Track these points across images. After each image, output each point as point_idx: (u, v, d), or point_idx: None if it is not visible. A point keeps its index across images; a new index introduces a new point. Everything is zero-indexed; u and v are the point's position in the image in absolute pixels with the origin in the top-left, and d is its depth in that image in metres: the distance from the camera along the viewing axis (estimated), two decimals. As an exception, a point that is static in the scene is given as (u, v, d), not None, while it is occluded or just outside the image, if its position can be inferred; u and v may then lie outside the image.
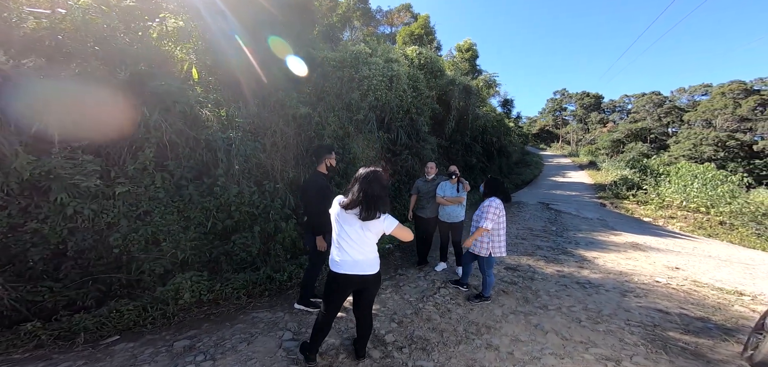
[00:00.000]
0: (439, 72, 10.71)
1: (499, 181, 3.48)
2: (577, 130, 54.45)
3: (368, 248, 2.16)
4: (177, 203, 3.70)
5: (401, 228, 2.19)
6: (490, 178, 3.50)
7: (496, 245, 3.34)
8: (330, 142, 5.85)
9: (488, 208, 3.28)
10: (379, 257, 2.28)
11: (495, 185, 3.43)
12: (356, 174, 2.17)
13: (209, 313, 3.22)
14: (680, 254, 5.55)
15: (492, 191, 3.40)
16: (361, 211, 2.05)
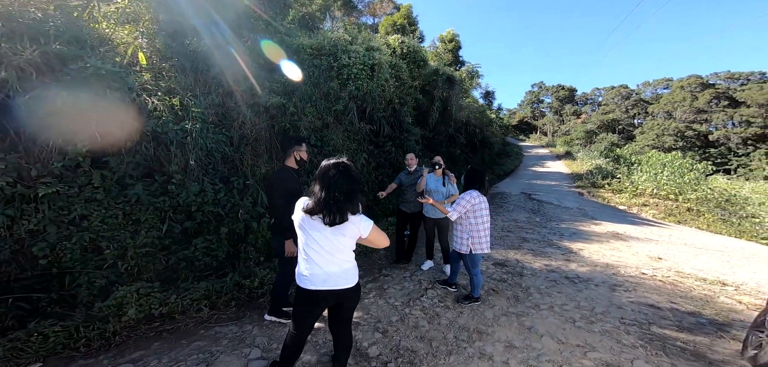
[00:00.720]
0: (422, 62, 10.33)
1: (478, 172, 3.19)
2: (553, 121, 56.14)
3: (343, 257, 1.77)
4: (122, 205, 3.13)
5: (378, 232, 1.80)
6: (470, 169, 3.21)
7: (476, 240, 3.07)
8: (303, 133, 5.35)
9: (460, 199, 3.07)
10: (356, 266, 1.90)
11: (473, 176, 3.16)
12: (319, 169, 1.76)
13: (162, 330, 2.73)
14: (659, 243, 5.57)
15: (470, 182, 3.14)
16: (324, 215, 1.64)
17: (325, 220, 1.64)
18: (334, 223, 1.64)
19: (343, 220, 1.66)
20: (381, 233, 1.83)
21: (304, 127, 5.40)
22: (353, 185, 1.72)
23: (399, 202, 4.36)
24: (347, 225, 1.69)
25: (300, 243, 1.78)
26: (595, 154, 18.83)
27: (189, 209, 3.56)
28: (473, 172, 3.19)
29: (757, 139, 43.43)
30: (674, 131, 47.84)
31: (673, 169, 10.41)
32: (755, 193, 13.73)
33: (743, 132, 44.43)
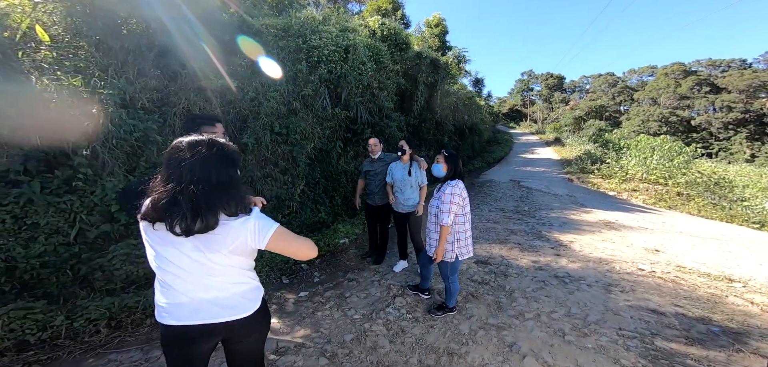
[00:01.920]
0: (405, 45, 9.57)
1: (459, 157, 2.54)
2: (542, 109, 55.83)
3: (222, 279, 1.16)
4: (10, 206, 2.45)
5: (287, 238, 1.18)
6: (450, 153, 2.49)
7: (462, 244, 2.46)
8: (264, 120, 4.64)
9: (450, 196, 2.35)
10: (257, 288, 1.28)
11: (456, 161, 2.47)
12: (167, 150, 1.12)
13: (33, 361, 2.10)
14: (653, 232, 5.10)
15: (454, 169, 2.45)
16: (173, 221, 1.03)
17: (175, 228, 1.02)
18: (190, 231, 1.02)
19: (210, 226, 1.04)
20: (296, 239, 1.20)
21: (265, 113, 4.71)
22: (227, 169, 1.10)
23: (365, 195, 3.77)
24: (221, 233, 1.08)
25: (151, 263, 1.16)
26: (584, 139, 18.45)
27: (108, 210, 2.90)
28: (453, 156, 2.47)
29: (738, 124, 43.84)
30: (659, 117, 48.02)
31: (662, 152, 10.02)
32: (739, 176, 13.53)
33: (724, 117, 44.80)
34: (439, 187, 2.49)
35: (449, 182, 2.41)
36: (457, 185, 2.38)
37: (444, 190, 2.40)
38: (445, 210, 2.33)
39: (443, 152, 2.46)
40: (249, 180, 4.40)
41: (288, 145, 4.93)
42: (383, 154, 3.64)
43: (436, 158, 2.49)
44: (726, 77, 47.71)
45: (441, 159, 2.46)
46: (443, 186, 2.44)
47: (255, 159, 4.51)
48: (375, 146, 3.57)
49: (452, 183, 2.39)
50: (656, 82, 53.59)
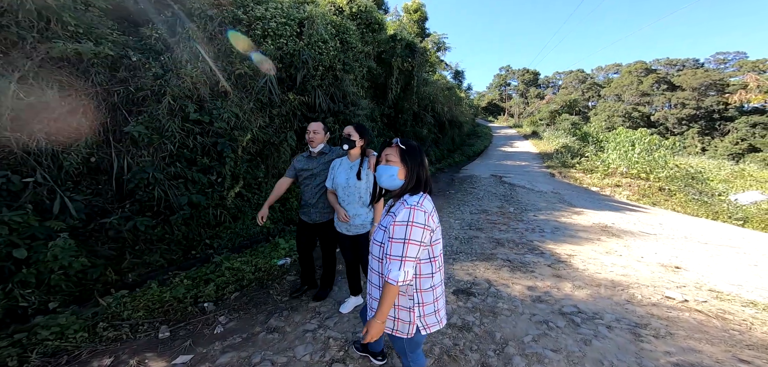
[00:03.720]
0: (377, 25, 8.31)
1: (423, 153, 1.31)
2: (519, 103, 56.47)
3: None
4: None
5: None
6: (409, 145, 1.28)
7: (429, 309, 1.28)
8: (168, 101, 3.33)
9: (408, 228, 1.14)
10: None
11: (419, 159, 1.27)
12: None
13: None
14: (658, 239, 4.27)
15: (417, 175, 1.25)
16: None
17: None
18: None
19: None
20: None
21: (172, 95, 3.35)
22: None
23: (298, 206, 2.58)
24: None
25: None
26: (560, 133, 18.13)
27: None
28: (417, 150, 1.28)
29: (690, 120, 46.37)
30: (623, 113, 49.84)
31: (643, 146, 9.57)
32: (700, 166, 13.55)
33: (679, 113, 47.22)
34: (390, 207, 1.33)
35: (408, 198, 1.23)
36: (421, 206, 1.19)
37: (397, 214, 1.20)
38: (397, 254, 1.14)
39: (396, 142, 1.27)
40: (145, 183, 3.07)
41: (211, 137, 3.61)
42: (327, 146, 2.45)
43: (384, 153, 1.28)
44: (681, 76, 50.19)
45: (393, 155, 1.26)
46: (397, 205, 1.25)
47: (151, 155, 3.16)
48: (315, 134, 2.35)
49: (413, 200, 1.21)
50: (621, 80, 55.57)
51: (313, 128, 2.36)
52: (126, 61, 3.34)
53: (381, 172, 1.26)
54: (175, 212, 3.26)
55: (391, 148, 1.27)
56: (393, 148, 1.26)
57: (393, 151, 1.26)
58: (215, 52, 4.05)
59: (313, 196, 2.40)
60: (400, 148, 1.25)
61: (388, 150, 1.27)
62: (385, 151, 1.27)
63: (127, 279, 2.91)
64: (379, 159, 1.29)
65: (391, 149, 1.26)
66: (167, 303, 2.58)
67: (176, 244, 3.39)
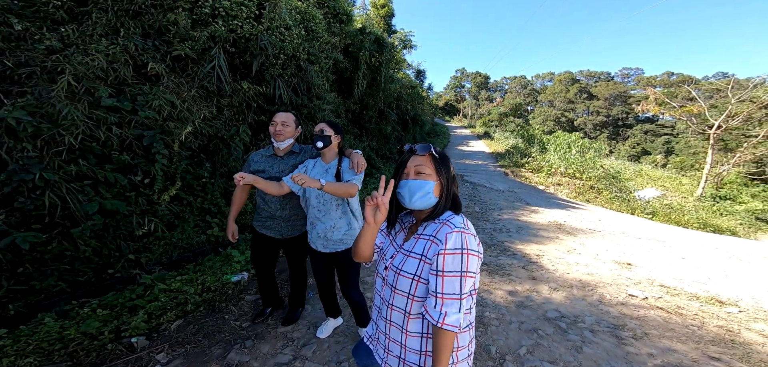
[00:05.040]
0: (345, 16, 7.69)
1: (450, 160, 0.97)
2: (472, 105, 59.75)
3: None
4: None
5: None
6: (440, 155, 0.94)
7: (463, 353, 0.89)
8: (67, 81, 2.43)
9: (464, 259, 0.79)
10: None
11: (451, 169, 0.93)
12: None
13: None
14: (604, 236, 4.54)
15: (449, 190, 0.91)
16: None
17: None
18: None
19: None
20: None
21: (75, 75, 2.43)
22: None
23: (254, 217, 2.01)
24: None
25: None
26: (508, 134, 19.44)
27: None
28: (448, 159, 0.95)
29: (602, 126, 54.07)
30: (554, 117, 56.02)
31: (577, 148, 10.60)
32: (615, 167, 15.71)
33: (594, 120, 54.72)
34: (423, 230, 0.91)
35: (452, 220, 0.86)
36: (468, 229, 0.85)
37: (443, 240, 0.82)
38: (454, 292, 0.80)
39: (430, 150, 0.93)
40: (28, 187, 2.18)
41: (134, 129, 2.75)
42: (298, 145, 1.89)
43: (414, 164, 0.92)
44: (597, 87, 58.07)
45: (427, 166, 0.91)
46: (435, 229, 0.87)
47: (40, 150, 2.26)
48: (285, 127, 1.78)
49: (458, 222, 0.85)
50: (553, 87, 62.25)
51: (281, 119, 1.79)
52: (3, 30, 2.32)
53: (413, 189, 0.89)
54: (79, 223, 2.39)
55: (423, 158, 0.92)
56: (425, 157, 0.92)
57: (426, 161, 0.91)
58: (141, 28, 3.12)
59: (282, 206, 1.85)
60: (434, 156, 0.92)
61: (418, 160, 0.92)
62: (414, 161, 0.92)
63: (7, 312, 2.04)
64: (403, 172, 0.93)
65: (422, 159, 0.92)
66: (73, 342, 1.83)
67: (84, 263, 2.51)
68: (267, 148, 1.91)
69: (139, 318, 2.06)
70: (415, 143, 0.97)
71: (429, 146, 0.92)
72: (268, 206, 1.87)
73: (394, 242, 0.98)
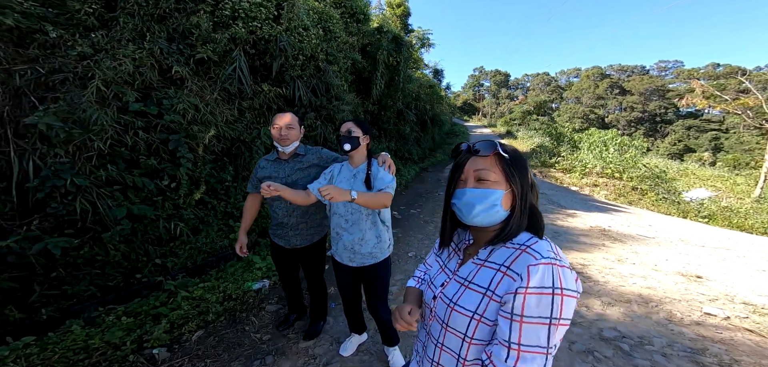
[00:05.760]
0: (363, 15, 7.67)
1: (526, 162, 0.72)
2: (491, 103, 58.31)
3: None
4: None
5: None
6: (515, 156, 0.70)
7: None
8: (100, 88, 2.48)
9: (558, 297, 0.57)
10: None
11: (527, 174, 0.69)
12: None
13: None
14: (660, 244, 4.09)
15: (528, 204, 0.69)
16: None
17: None
18: None
19: None
20: None
21: (104, 80, 2.49)
22: None
23: (270, 227, 1.92)
24: None
25: None
26: (533, 132, 18.63)
27: None
28: (519, 159, 0.70)
29: (638, 122, 50.77)
30: (582, 115, 53.37)
31: (615, 146, 9.86)
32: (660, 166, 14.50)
33: (628, 116, 51.50)
34: (488, 254, 0.69)
35: (537, 249, 0.62)
36: (561, 259, 0.60)
37: (524, 273, 0.59)
38: (538, 343, 0.58)
39: (497, 148, 0.68)
40: (61, 192, 2.24)
41: (160, 133, 2.79)
42: (303, 146, 1.78)
43: (473, 169, 0.69)
44: (630, 81, 54.72)
45: (491, 169, 0.67)
46: (509, 256, 0.65)
47: (72, 155, 2.33)
48: (289, 130, 1.66)
49: (546, 250, 0.61)
50: (580, 83, 59.42)
51: (284, 122, 1.65)
52: (40, 37, 2.43)
53: (472, 201, 0.68)
54: (109, 228, 2.44)
55: (486, 159, 0.69)
56: (489, 158, 0.68)
57: (490, 163, 0.68)
58: (165, 32, 3.19)
59: (289, 214, 1.75)
60: (503, 157, 0.68)
61: (479, 162, 0.69)
62: (474, 164, 0.70)
63: (40, 317, 2.09)
64: (460, 178, 0.72)
65: (486, 161, 0.68)
66: (97, 351, 1.83)
67: (114, 267, 2.56)
68: (271, 152, 1.82)
69: (160, 328, 2.04)
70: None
71: (494, 144, 0.68)
72: (275, 213, 1.78)
73: (447, 266, 0.78)
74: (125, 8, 2.85)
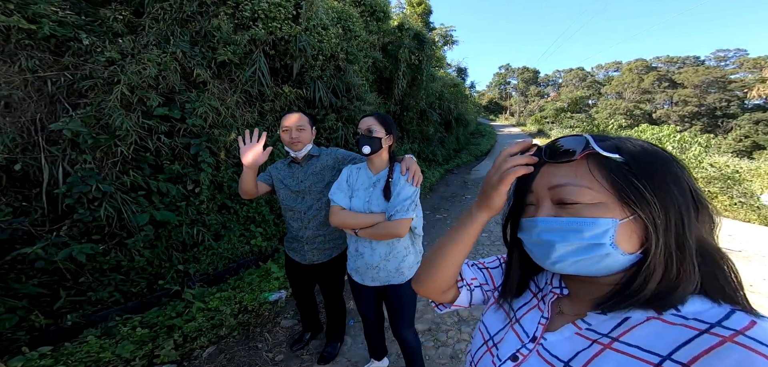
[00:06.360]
0: (383, 14, 7.58)
1: (673, 162, 0.42)
2: (519, 102, 56.02)
3: None
4: None
5: None
6: (648, 151, 0.42)
7: None
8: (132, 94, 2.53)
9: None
10: None
11: (677, 184, 0.40)
12: None
13: None
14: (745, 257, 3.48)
15: (687, 254, 0.38)
16: None
17: None
18: None
19: None
20: None
21: (128, 85, 2.56)
22: None
23: (285, 240, 1.79)
24: None
25: None
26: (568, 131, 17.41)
27: None
28: (655, 157, 0.42)
29: (693, 117, 46.08)
30: (624, 110, 49.53)
31: (673, 144, 8.78)
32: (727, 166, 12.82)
33: (681, 110, 46.93)
34: (615, 328, 0.40)
35: (744, 329, 0.32)
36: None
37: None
38: None
39: (593, 146, 0.41)
40: (88, 198, 2.29)
41: (183, 137, 2.82)
42: (315, 147, 1.63)
43: (547, 182, 0.44)
44: (682, 73, 49.94)
45: (583, 179, 0.41)
46: (675, 339, 0.35)
47: (99, 161, 2.38)
48: (301, 132, 1.52)
49: (761, 335, 0.31)
50: (621, 77, 55.31)
51: (295, 124, 1.51)
52: (74, 45, 2.56)
53: (548, 236, 0.43)
54: (132, 234, 2.47)
55: (569, 168, 0.43)
56: (577, 165, 0.42)
57: (579, 172, 0.42)
58: (188, 35, 3.26)
59: (304, 226, 1.60)
60: (606, 158, 0.41)
61: (558, 172, 0.44)
62: (550, 175, 0.44)
63: (65, 323, 2.13)
64: (528, 199, 0.47)
65: (569, 170, 0.43)
66: (108, 365, 1.80)
67: (138, 273, 2.60)
68: (284, 158, 1.69)
69: (170, 345, 1.98)
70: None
71: (584, 139, 0.42)
72: (289, 225, 1.66)
73: (520, 321, 0.50)
74: (151, 13, 2.95)
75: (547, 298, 0.50)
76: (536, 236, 0.44)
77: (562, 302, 0.49)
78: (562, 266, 0.43)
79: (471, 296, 0.62)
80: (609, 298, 0.41)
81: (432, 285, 0.59)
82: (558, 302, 0.49)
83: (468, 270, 0.63)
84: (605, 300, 0.41)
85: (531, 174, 0.46)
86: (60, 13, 2.51)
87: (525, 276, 0.53)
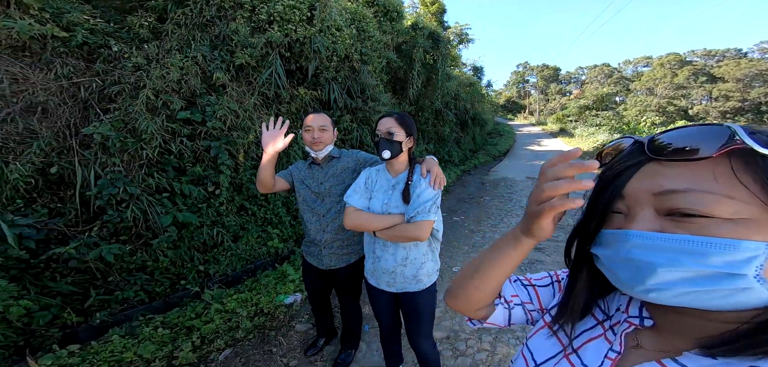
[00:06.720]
0: (396, 14, 7.58)
1: None
2: (539, 100, 54.42)
3: None
4: None
5: None
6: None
7: None
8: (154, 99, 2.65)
9: None
10: None
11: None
12: None
13: None
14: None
15: None
16: None
17: None
18: None
19: None
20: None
21: (153, 89, 2.68)
22: None
23: (303, 244, 1.80)
24: None
25: None
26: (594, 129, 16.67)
27: None
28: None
29: (736, 112, 42.94)
30: (656, 107, 46.88)
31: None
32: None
33: (722, 106, 43.83)
34: None
35: None
36: None
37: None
38: None
39: (742, 136, 0.29)
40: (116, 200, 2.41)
41: (203, 140, 2.92)
42: (336, 149, 1.62)
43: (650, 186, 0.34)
44: (722, 67, 46.70)
45: (712, 182, 0.30)
46: None
47: (126, 164, 2.50)
48: (323, 133, 1.51)
49: None
50: (652, 73, 52.50)
51: (317, 123, 1.50)
52: (104, 52, 2.72)
53: (648, 257, 0.33)
54: (157, 235, 2.58)
55: (695, 169, 0.31)
56: (706, 165, 0.31)
57: (713, 174, 0.31)
58: (207, 40, 3.38)
59: (322, 229, 1.59)
60: (761, 156, 0.29)
61: (675, 174, 0.32)
62: (657, 176, 0.33)
63: (95, 321, 2.25)
64: (615, 206, 0.37)
65: (694, 172, 0.31)
66: (130, 365, 1.87)
67: (162, 273, 2.71)
68: (305, 159, 1.70)
69: (188, 347, 2.03)
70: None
71: (728, 130, 0.31)
72: (307, 229, 1.65)
73: (576, 356, 0.42)
74: (173, 18, 3.09)
75: (618, 328, 0.40)
76: (625, 254, 0.34)
77: (642, 334, 0.39)
78: (659, 296, 0.32)
79: (510, 315, 0.57)
80: (729, 339, 0.31)
81: (466, 303, 0.55)
82: (635, 334, 0.40)
83: (509, 286, 0.58)
84: (721, 342, 0.31)
85: (623, 175, 0.36)
86: (91, 21, 2.68)
87: (590, 298, 0.45)
